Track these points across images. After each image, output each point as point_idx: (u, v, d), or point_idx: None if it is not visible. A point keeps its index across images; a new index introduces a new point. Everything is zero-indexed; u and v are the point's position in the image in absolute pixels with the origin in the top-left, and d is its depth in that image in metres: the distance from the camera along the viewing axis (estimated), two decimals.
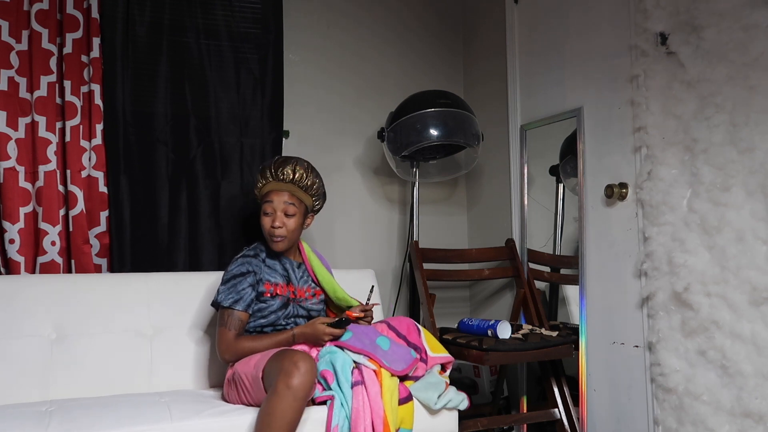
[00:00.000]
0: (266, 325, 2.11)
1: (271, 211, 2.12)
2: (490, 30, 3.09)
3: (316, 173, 2.21)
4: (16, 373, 2.02)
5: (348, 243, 2.99)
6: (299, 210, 2.15)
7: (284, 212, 2.12)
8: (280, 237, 2.11)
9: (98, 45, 2.41)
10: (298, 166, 2.16)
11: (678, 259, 2.08)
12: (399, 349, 1.99)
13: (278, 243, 2.12)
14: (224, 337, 2.02)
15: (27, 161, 2.32)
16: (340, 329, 2.00)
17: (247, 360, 1.96)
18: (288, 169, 2.14)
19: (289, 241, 2.14)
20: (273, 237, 2.12)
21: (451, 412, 2.01)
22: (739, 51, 1.95)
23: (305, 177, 2.15)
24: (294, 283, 2.17)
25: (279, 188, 2.13)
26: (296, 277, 2.19)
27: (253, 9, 2.69)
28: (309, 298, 2.20)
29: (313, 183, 2.18)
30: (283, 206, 2.12)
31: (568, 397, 2.50)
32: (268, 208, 2.13)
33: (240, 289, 2.04)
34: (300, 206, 2.15)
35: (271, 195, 2.13)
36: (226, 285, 2.06)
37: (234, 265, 2.10)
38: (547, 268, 2.78)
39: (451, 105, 2.65)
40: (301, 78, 2.91)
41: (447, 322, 2.79)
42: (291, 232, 2.13)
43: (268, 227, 2.12)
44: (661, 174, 2.16)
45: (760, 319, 1.88)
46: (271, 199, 2.13)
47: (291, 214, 2.12)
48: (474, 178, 3.21)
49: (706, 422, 1.99)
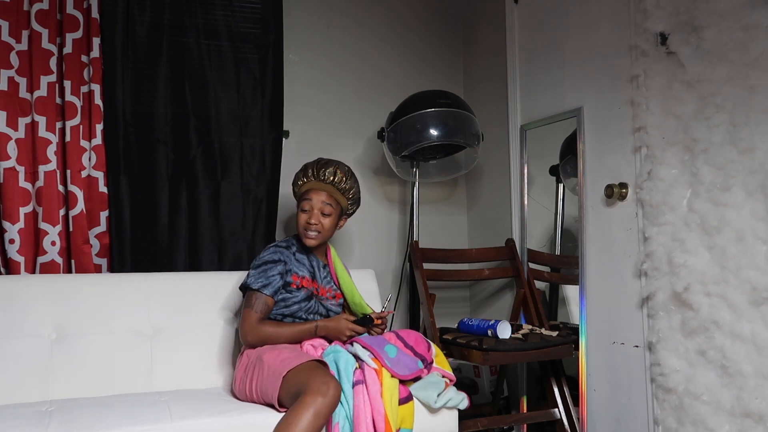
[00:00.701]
0: (287, 315, 2.15)
1: (309, 208, 2.19)
2: (490, 30, 3.09)
3: (355, 179, 2.29)
4: (16, 373, 2.01)
5: (348, 243, 2.99)
6: (335, 211, 2.22)
7: (321, 211, 2.19)
8: (314, 234, 2.18)
9: (98, 45, 2.41)
10: (339, 170, 2.23)
11: (678, 259, 2.08)
12: (405, 357, 2.01)
13: (311, 239, 2.18)
14: (249, 318, 2.05)
15: (27, 161, 2.32)
16: (363, 327, 2.10)
17: (278, 352, 1.97)
18: (329, 170, 2.22)
19: (322, 238, 2.20)
20: (307, 233, 2.18)
21: (451, 411, 2.01)
22: (739, 51, 1.95)
23: (345, 180, 2.23)
24: (318, 281, 2.23)
25: (319, 188, 2.20)
26: (320, 276, 2.24)
27: (253, 9, 2.69)
28: (330, 298, 2.25)
29: (351, 187, 2.26)
30: (321, 205, 2.19)
31: (568, 397, 2.50)
32: (306, 206, 2.20)
33: (270, 275, 2.10)
34: (336, 207, 2.22)
35: (311, 193, 2.20)
36: (257, 270, 2.11)
37: (266, 253, 2.16)
38: (547, 268, 2.78)
39: (451, 105, 2.65)
40: (301, 78, 2.92)
41: (447, 322, 2.79)
42: (326, 230, 2.20)
43: (304, 222, 2.19)
44: (661, 174, 2.16)
45: (760, 319, 1.88)
46: (309, 197, 2.19)
47: (327, 213, 2.20)
48: (474, 178, 3.21)
49: (706, 422, 1.99)
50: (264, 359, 1.95)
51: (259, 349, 2.04)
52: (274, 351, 1.98)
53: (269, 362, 1.92)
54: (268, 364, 1.92)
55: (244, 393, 1.98)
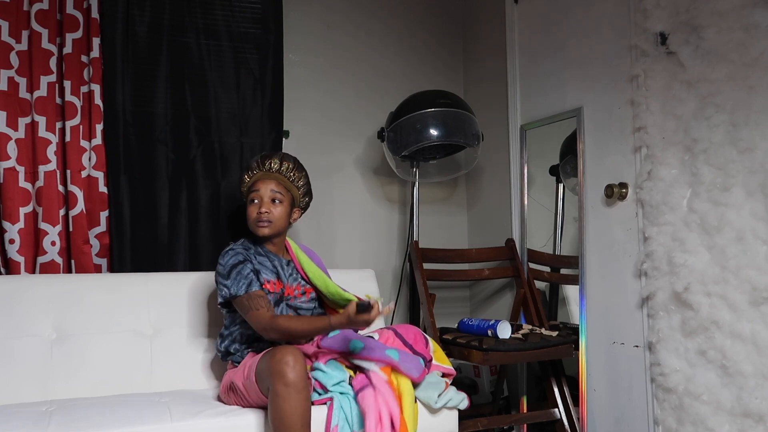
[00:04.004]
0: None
1: (258, 198, 2.12)
2: (490, 30, 3.09)
3: (302, 168, 2.23)
4: (16, 373, 2.02)
5: (348, 243, 2.99)
6: (286, 199, 2.14)
7: (271, 199, 2.12)
8: (265, 222, 2.09)
9: (98, 45, 2.41)
10: (284, 159, 2.18)
11: (678, 259, 2.08)
12: (408, 357, 1.99)
13: (263, 228, 2.10)
14: (260, 318, 1.94)
15: (27, 161, 2.32)
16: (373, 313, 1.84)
17: (240, 368, 1.96)
18: (275, 160, 2.17)
19: (275, 227, 2.12)
20: (258, 223, 2.10)
21: (451, 411, 2.01)
22: (739, 51, 1.95)
23: (291, 168, 2.18)
24: (283, 280, 2.14)
25: (266, 177, 2.15)
26: (285, 274, 2.15)
27: (253, 9, 2.69)
28: (298, 296, 2.15)
29: (299, 177, 2.20)
30: (270, 194, 2.12)
31: (568, 397, 2.50)
32: (254, 197, 2.13)
33: (245, 274, 2.00)
34: (287, 196, 2.15)
35: (258, 184, 2.14)
36: (229, 278, 2.00)
37: (227, 258, 2.04)
38: (547, 268, 2.78)
39: (451, 105, 2.65)
40: (301, 78, 2.91)
41: (447, 322, 2.79)
42: (277, 219, 2.12)
43: (255, 214, 2.11)
44: (661, 174, 2.16)
45: (760, 319, 1.88)
46: (257, 188, 2.13)
47: (278, 201, 2.12)
48: (474, 178, 3.21)
49: (706, 422, 1.99)
50: (237, 381, 1.93)
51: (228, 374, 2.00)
52: (239, 370, 1.95)
53: (240, 380, 1.91)
54: (240, 382, 1.91)
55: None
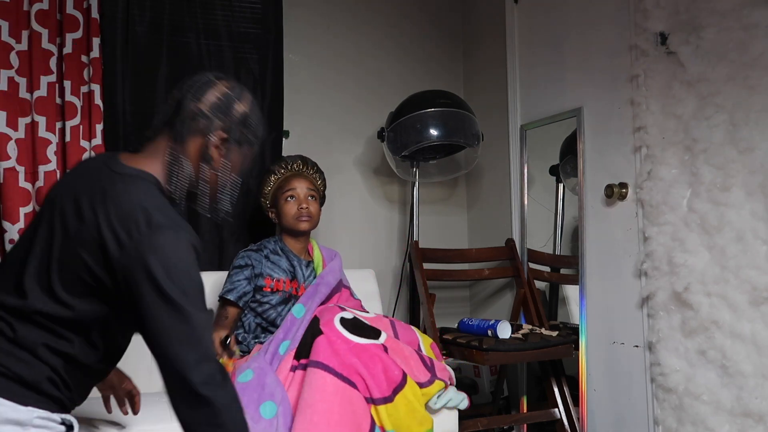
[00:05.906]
0: (267, 325, 2.10)
1: (296, 195, 2.20)
2: (490, 30, 3.09)
3: (321, 169, 2.37)
4: None
5: (348, 243, 2.98)
6: (318, 198, 2.26)
7: (307, 196, 2.21)
8: (306, 217, 2.18)
9: (98, 45, 2.41)
10: (307, 161, 2.29)
11: (678, 258, 2.08)
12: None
13: (304, 222, 2.19)
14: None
15: (27, 161, 2.32)
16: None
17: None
18: (298, 162, 2.28)
19: (313, 222, 2.22)
20: (300, 218, 2.18)
21: (451, 411, 2.01)
22: (739, 51, 1.95)
23: (316, 170, 2.30)
24: (299, 280, 2.18)
25: (299, 176, 2.25)
26: (303, 275, 2.20)
27: (253, 9, 2.69)
28: None
29: (321, 178, 2.32)
30: (306, 192, 2.21)
31: (568, 397, 2.50)
32: (291, 194, 2.20)
33: (234, 280, 2.10)
34: (318, 196, 2.26)
35: (293, 182, 2.22)
36: (228, 277, 2.13)
37: (236, 259, 2.16)
38: (547, 268, 2.78)
39: (451, 105, 2.65)
40: (301, 78, 2.91)
41: (447, 322, 2.78)
42: (315, 214, 2.23)
43: (295, 210, 2.18)
44: (661, 174, 2.16)
45: (760, 319, 1.88)
46: (293, 186, 2.21)
47: (313, 198, 2.23)
48: (474, 178, 3.21)
49: (706, 422, 1.99)
50: None
51: None
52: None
53: None
54: None
55: None
